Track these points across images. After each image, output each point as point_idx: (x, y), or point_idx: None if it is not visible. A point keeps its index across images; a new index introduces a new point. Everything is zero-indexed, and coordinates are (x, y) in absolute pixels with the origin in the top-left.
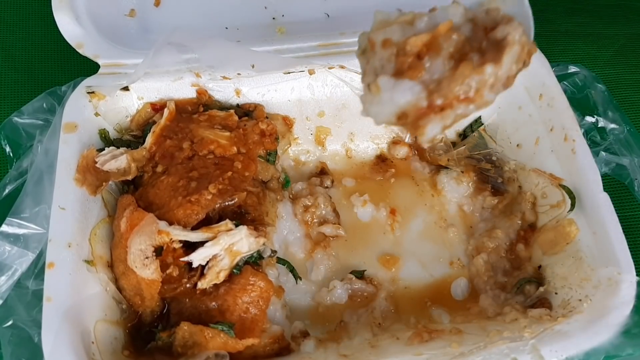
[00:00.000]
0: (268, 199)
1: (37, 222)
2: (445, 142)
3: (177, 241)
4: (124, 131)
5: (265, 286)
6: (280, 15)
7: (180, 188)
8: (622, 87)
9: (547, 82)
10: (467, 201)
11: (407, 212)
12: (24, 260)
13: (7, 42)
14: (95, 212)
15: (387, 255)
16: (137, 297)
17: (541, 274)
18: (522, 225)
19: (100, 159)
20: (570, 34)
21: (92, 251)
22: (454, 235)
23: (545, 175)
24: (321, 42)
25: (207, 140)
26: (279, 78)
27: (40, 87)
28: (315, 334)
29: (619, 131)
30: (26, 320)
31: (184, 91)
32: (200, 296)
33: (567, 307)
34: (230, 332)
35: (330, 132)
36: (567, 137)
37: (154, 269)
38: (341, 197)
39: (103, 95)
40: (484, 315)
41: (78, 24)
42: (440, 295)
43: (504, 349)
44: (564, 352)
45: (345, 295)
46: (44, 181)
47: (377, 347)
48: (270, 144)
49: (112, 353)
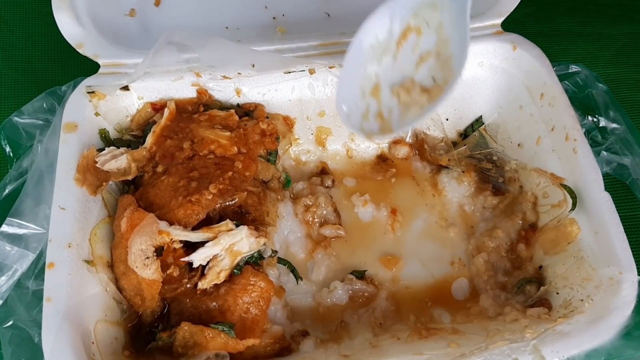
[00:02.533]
0: (269, 199)
1: (37, 222)
2: (446, 142)
3: (178, 241)
4: (124, 131)
5: (266, 286)
6: (281, 15)
7: (180, 188)
8: (624, 87)
9: (548, 82)
10: (468, 201)
11: (407, 212)
12: (24, 261)
13: (7, 41)
14: (95, 212)
15: (388, 255)
16: (137, 298)
17: (542, 274)
18: (523, 225)
19: (101, 158)
20: (571, 34)
21: (92, 251)
22: (455, 235)
23: (546, 175)
24: (321, 41)
25: (207, 140)
26: (279, 78)
27: (40, 87)
28: (316, 334)
29: (620, 131)
30: (26, 321)
31: (184, 91)
32: (200, 296)
33: (569, 307)
34: (230, 332)
35: (331, 132)
36: (569, 137)
37: (155, 269)
38: (342, 197)
39: (103, 95)
40: (484, 315)
41: (78, 24)
42: (441, 295)
43: (505, 349)
44: (565, 352)
45: (345, 296)
46: (44, 181)
47: (378, 347)
48: (271, 143)
49: (113, 353)
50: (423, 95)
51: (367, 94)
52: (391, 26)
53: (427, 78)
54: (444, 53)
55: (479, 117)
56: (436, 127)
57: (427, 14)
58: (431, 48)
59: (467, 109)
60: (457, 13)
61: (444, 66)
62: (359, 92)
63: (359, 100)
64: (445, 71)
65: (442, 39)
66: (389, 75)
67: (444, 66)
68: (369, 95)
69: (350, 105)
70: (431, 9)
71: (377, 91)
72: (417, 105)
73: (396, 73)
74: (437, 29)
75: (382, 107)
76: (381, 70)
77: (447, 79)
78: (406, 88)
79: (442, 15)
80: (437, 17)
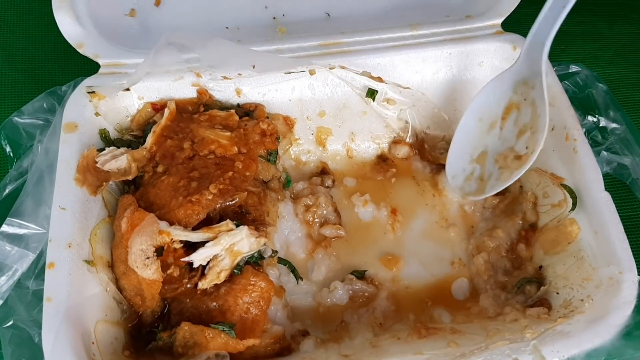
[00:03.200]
0: (269, 199)
1: (38, 222)
2: (447, 142)
3: (178, 241)
4: (124, 131)
5: (266, 286)
6: (281, 15)
7: (181, 188)
8: (624, 87)
9: (549, 82)
10: (468, 201)
11: (408, 211)
12: (24, 261)
13: (7, 41)
14: (95, 212)
15: (388, 255)
16: (137, 298)
17: (542, 274)
18: (523, 225)
19: (101, 158)
20: (571, 34)
21: (93, 251)
22: (455, 235)
23: (546, 175)
24: (322, 41)
25: (207, 140)
26: (279, 78)
27: (41, 87)
28: (316, 334)
29: (620, 131)
30: (26, 321)
31: (184, 91)
32: (201, 296)
33: (569, 307)
34: (231, 332)
35: (331, 132)
36: (569, 137)
37: (155, 269)
38: (342, 197)
39: (103, 95)
40: (484, 315)
41: (78, 24)
42: (441, 295)
43: (505, 349)
44: (566, 352)
45: (346, 296)
46: (44, 181)
47: (378, 347)
48: (271, 143)
49: (113, 353)
50: (515, 161)
51: (474, 160)
52: (497, 101)
53: (523, 147)
54: (536, 126)
55: None
56: (436, 127)
57: (523, 90)
58: (528, 122)
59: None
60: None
61: (534, 136)
62: (468, 158)
63: (466, 165)
64: (535, 142)
65: (536, 113)
66: (495, 145)
67: (535, 136)
68: (474, 161)
69: (458, 168)
70: (524, 86)
71: (482, 158)
72: (510, 169)
73: (501, 143)
74: (532, 105)
75: (485, 171)
76: (489, 141)
77: (534, 149)
78: (506, 155)
79: (534, 92)
80: (530, 94)
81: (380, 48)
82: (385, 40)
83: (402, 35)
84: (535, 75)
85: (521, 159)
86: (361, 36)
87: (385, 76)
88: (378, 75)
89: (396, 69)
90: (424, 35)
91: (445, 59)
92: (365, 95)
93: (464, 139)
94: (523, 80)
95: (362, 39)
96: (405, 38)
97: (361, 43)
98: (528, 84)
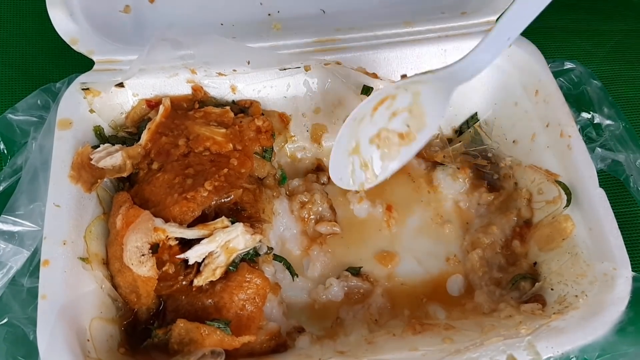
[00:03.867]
0: (264, 196)
1: (32, 219)
2: (441, 139)
3: (173, 238)
4: (119, 128)
5: (262, 283)
6: (276, 12)
7: (176, 185)
8: (618, 84)
9: (543, 79)
10: (463, 197)
11: (403, 208)
12: (18, 258)
13: (1, 38)
14: (90, 210)
15: (384, 252)
16: (132, 295)
17: (537, 270)
18: (517, 222)
19: (95, 155)
20: (566, 30)
21: (87, 249)
22: (450, 231)
23: (541, 172)
24: (317, 38)
25: (202, 137)
26: (274, 74)
27: (35, 84)
28: (312, 330)
29: (614, 127)
30: (21, 318)
31: (179, 88)
32: (196, 293)
33: (563, 303)
34: (226, 329)
35: (326, 129)
36: (563, 133)
37: (150, 266)
38: (337, 194)
39: (98, 92)
40: (479, 311)
41: (72, 20)
42: (436, 291)
43: (500, 345)
44: (560, 348)
45: (341, 293)
46: (38, 178)
47: (374, 343)
48: (266, 140)
49: (108, 351)
50: (399, 139)
51: (350, 154)
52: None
53: (402, 126)
54: (416, 111)
55: (474, 114)
56: None
57: (409, 86)
58: (405, 106)
59: (462, 105)
60: (440, 90)
61: (416, 119)
62: (346, 155)
63: (346, 161)
64: (419, 123)
65: (417, 102)
66: (365, 131)
67: (417, 119)
68: (351, 155)
69: (340, 168)
70: (414, 83)
71: (357, 149)
72: (396, 146)
73: (372, 127)
74: (414, 94)
75: (364, 157)
76: (360, 131)
77: (420, 128)
78: (382, 136)
79: (422, 87)
80: (416, 87)
81: (375, 44)
82: (381, 37)
83: (397, 31)
84: None
85: (405, 137)
86: (356, 33)
87: (380, 72)
88: (373, 71)
89: (391, 66)
90: (419, 32)
91: (440, 56)
92: (360, 92)
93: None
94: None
95: (357, 36)
96: (400, 35)
97: (356, 40)
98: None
